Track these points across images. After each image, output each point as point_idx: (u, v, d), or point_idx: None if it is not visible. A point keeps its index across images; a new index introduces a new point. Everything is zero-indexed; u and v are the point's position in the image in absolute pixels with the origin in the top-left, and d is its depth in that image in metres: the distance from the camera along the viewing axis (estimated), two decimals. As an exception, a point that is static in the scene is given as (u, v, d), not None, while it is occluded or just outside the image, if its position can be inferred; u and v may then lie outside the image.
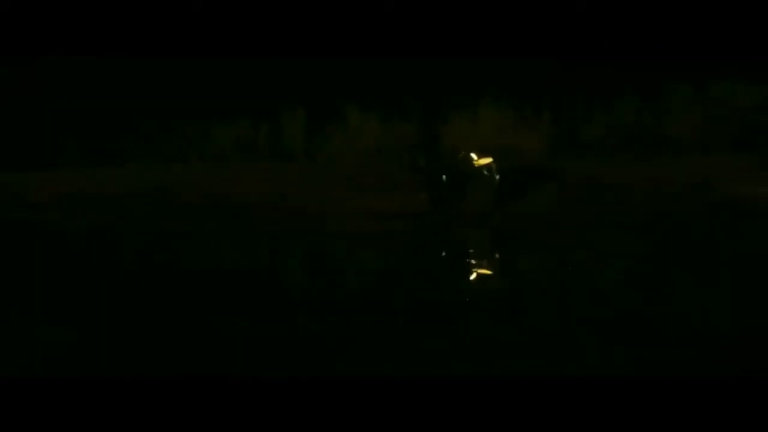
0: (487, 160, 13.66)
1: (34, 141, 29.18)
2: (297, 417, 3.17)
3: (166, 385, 3.57)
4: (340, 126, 24.44)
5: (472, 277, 7.90)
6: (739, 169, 15.21)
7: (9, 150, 28.77)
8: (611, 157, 20.30)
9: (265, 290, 6.90)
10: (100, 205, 19.42)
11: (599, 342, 4.51)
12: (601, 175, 15.36)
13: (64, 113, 28.56)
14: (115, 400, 3.34)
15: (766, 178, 14.09)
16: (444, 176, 13.55)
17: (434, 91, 24.33)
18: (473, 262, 9.35)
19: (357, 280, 7.77)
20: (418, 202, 14.05)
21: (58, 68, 27.52)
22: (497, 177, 13.46)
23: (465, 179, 13.52)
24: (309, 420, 3.14)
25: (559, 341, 4.52)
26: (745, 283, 6.95)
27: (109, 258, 10.07)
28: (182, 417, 3.15)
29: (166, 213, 17.54)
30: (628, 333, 4.76)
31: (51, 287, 7.03)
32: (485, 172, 13.38)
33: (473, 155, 13.63)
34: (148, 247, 11.69)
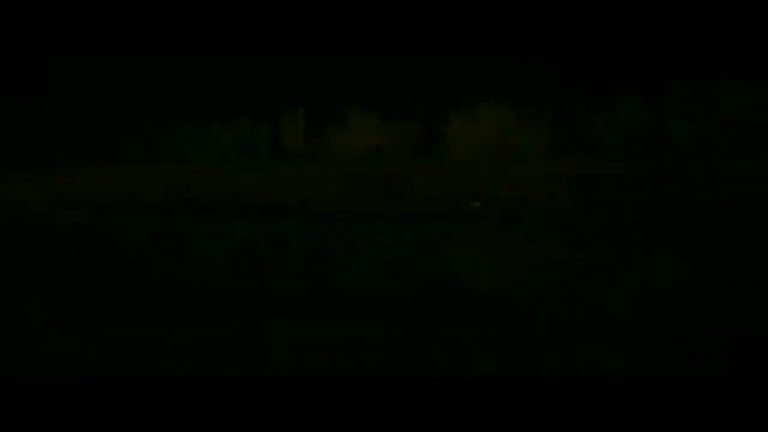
0: None
1: (34, 140, 29.13)
2: (306, 416, 3.17)
3: (166, 385, 3.57)
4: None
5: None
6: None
7: (8, 150, 28.73)
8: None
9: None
10: (97, 205, 19.41)
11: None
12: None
13: (64, 113, 28.51)
14: (114, 400, 3.34)
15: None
16: None
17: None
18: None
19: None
20: None
21: (59, 69, 27.50)
22: None
23: None
24: (317, 419, 3.14)
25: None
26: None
27: (108, 257, 10.06)
28: (182, 417, 3.15)
29: (168, 212, 17.53)
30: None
31: (48, 287, 7.02)
32: None
33: None
34: (149, 247, 11.68)
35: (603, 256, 9.51)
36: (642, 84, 21.56)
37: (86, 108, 28.41)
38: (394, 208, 15.09)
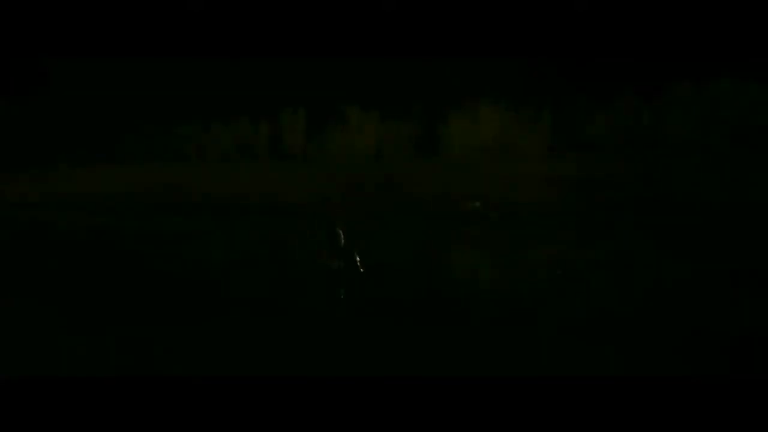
0: None
1: (34, 140, 29.13)
2: (300, 417, 3.17)
3: (166, 386, 3.57)
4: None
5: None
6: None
7: (8, 150, 28.74)
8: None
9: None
10: (97, 205, 19.40)
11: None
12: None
13: (64, 113, 28.52)
14: (114, 400, 3.34)
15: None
16: None
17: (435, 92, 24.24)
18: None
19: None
20: None
21: (59, 69, 27.51)
22: None
23: None
24: (315, 420, 3.14)
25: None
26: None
27: (108, 257, 10.05)
28: (182, 417, 3.15)
29: (168, 212, 17.53)
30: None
31: (48, 287, 7.02)
32: None
33: None
34: (148, 247, 11.67)
35: (603, 256, 9.51)
36: (642, 84, 21.58)
37: (86, 108, 28.41)
38: (394, 208, 15.07)
